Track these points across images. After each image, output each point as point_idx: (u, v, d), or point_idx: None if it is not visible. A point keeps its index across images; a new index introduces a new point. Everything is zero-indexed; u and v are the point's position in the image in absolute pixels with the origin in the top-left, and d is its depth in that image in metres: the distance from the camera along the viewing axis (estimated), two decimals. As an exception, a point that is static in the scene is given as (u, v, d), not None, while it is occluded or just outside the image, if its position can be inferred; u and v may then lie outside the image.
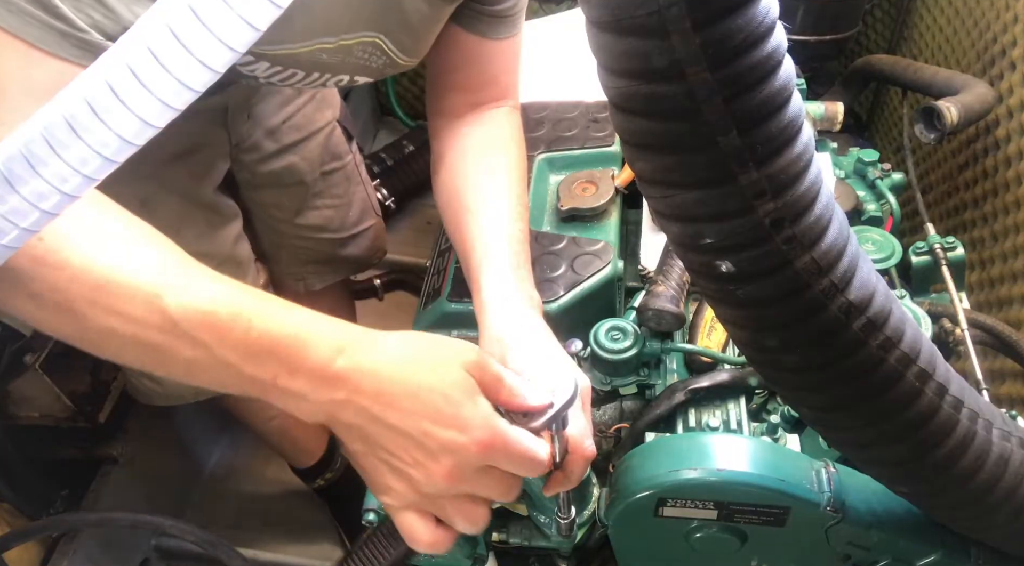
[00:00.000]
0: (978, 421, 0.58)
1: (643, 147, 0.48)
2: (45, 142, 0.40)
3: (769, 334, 0.54)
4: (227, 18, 0.41)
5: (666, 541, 0.73)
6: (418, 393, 0.58)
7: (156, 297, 0.54)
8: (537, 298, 0.81)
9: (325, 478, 1.60)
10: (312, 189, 1.31)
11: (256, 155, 1.22)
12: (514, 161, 0.92)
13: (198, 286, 0.56)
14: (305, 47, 0.73)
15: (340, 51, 0.76)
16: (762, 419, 0.84)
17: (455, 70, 0.92)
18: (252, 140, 1.20)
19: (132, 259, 0.56)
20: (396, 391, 0.58)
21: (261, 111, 1.19)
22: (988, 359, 1.25)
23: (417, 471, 0.59)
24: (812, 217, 0.49)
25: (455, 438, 0.57)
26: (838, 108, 1.18)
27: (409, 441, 0.58)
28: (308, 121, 1.26)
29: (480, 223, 0.84)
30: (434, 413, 0.57)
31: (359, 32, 0.75)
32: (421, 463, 0.58)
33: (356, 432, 0.59)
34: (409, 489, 0.60)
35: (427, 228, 2.13)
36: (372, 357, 0.58)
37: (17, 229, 0.42)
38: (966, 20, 1.44)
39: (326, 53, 0.75)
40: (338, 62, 0.78)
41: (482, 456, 0.58)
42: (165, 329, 0.55)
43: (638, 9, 0.41)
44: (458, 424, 0.58)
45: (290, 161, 1.25)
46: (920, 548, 0.69)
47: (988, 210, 1.35)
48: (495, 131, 0.93)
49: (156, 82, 0.41)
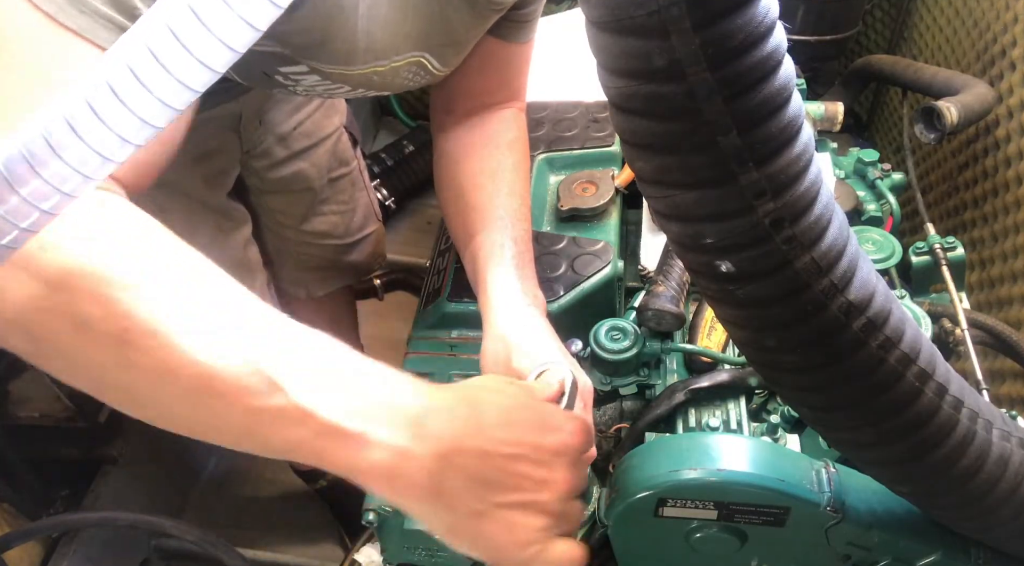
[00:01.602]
0: (978, 421, 0.58)
1: (643, 147, 0.48)
2: (45, 142, 0.40)
3: (769, 334, 0.54)
4: (227, 18, 0.41)
5: (666, 541, 0.73)
6: (509, 415, 0.58)
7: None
8: (541, 298, 0.81)
9: (327, 478, 1.60)
10: (319, 195, 1.32)
11: (267, 161, 1.23)
12: (519, 161, 0.92)
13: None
14: (361, 70, 0.73)
15: (390, 73, 0.76)
16: (762, 419, 0.84)
17: (473, 73, 0.91)
18: (263, 146, 1.20)
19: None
20: (491, 422, 0.56)
21: (272, 118, 1.20)
22: (988, 359, 1.25)
23: (545, 491, 0.58)
24: (812, 217, 0.48)
25: (561, 439, 0.58)
26: (838, 108, 1.18)
27: (527, 463, 0.57)
28: (318, 127, 1.27)
29: (484, 222, 0.84)
30: (531, 426, 0.58)
31: (408, 53, 0.76)
32: (545, 480, 0.58)
33: (470, 493, 0.55)
34: (544, 516, 0.58)
35: (427, 228, 2.13)
36: (447, 414, 0.56)
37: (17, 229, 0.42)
38: (966, 20, 1.44)
39: (377, 75, 0.75)
40: (385, 82, 0.78)
41: (584, 445, 0.60)
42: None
43: (638, 9, 0.41)
44: (554, 426, 0.59)
45: (300, 167, 1.26)
46: (920, 548, 0.69)
47: (988, 210, 1.35)
48: (502, 131, 0.93)
49: (156, 82, 0.41)
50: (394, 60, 0.75)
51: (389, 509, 0.73)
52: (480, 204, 0.86)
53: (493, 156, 0.90)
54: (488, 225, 0.84)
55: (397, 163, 2.12)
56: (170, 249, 0.52)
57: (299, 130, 1.24)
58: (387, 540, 0.75)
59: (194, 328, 0.49)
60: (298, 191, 1.29)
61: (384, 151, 2.13)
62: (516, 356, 0.72)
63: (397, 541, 0.75)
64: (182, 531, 1.16)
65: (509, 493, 0.56)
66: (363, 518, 0.78)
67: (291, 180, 1.26)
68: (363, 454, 0.52)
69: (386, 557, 0.78)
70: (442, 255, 1.06)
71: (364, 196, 1.42)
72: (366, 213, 1.43)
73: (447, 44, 0.79)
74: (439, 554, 0.75)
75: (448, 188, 0.92)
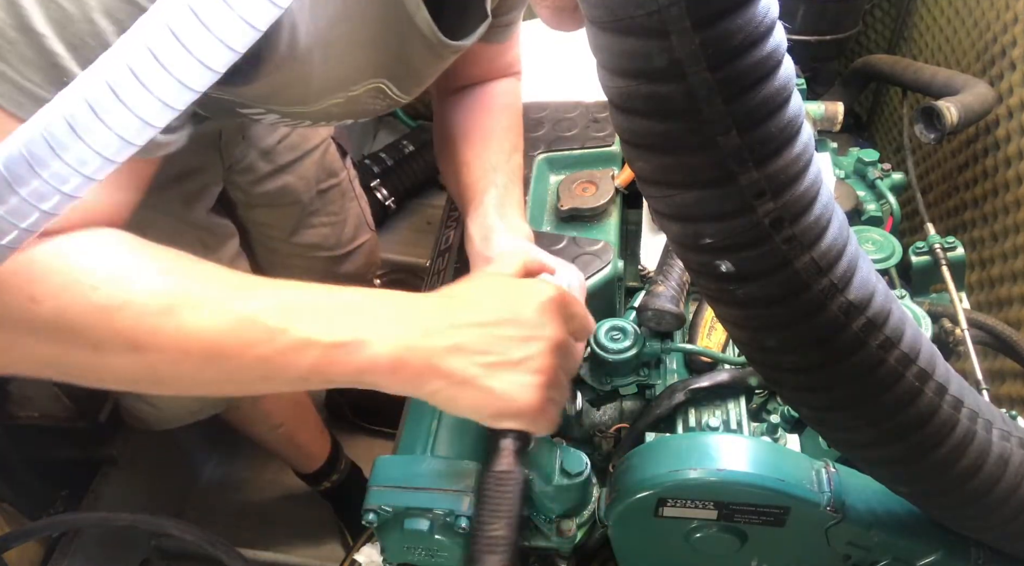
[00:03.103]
0: (978, 421, 0.58)
1: (643, 147, 0.48)
2: (45, 142, 0.40)
3: (769, 334, 0.54)
4: (227, 18, 0.41)
5: (666, 541, 0.73)
6: (483, 291, 0.66)
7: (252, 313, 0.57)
8: (527, 230, 0.87)
9: (331, 479, 1.60)
10: (308, 208, 1.31)
11: (251, 176, 1.22)
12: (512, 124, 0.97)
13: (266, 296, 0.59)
14: (318, 106, 0.75)
15: (349, 102, 0.78)
16: (762, 419, 0.84)
17: (463, 65, 0.93)
18: (246, 161, 1.19)
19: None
20: (469, 300, 0.65)
21: (255, 132, 1.19)
22: (988, 359, 1.25)
23: (532, 345, 0.63)
24: (812, 217, 0.49)
25: (537, 300, 0.65)
26: (838, 108, 1.18)
27: (509, 326, 0.63)
28: (303, 140, 1.26)
29: (474, 175, 0.90)
30: (505, 295, 0.65)
31: (366, 81, 0.77)
32: (529, 338, 0.63)
33: (465, 360, 0.61)
34: (536, 374, 0.63)
35: (427, 228, 2.13)
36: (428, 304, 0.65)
37: (17, 229, 0.42)
38: (966, 20, 1.44)
39: (336, 106, 0.77)
40: (345, 111, 0.81)
41: (565, 303, 0.67)
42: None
43: (638, 9, 0.41)
44: (527, 292, 0.66)
45: (285, 181, 1.25)
46: (920, 548, 0.69)
47: (988, 210, 1.35)
48: (497, 95, 0.98)
49: (156, 82, 0.41)
50: (351, 90, 0.76)
51: (389, 509, 0.73)
52: (470, 160, 0.91)
53: (487, 118, 0.95)
54: (475, 177, 0.89)
55: (397, 163, 2.12)
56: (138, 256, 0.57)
57: (284, 144, 1.23)
58: (387, 540, 0.75)
59: (189, 306, 0.55)
60: (285, 204, 1.28)
61: (384, 151, 2.13)
62: (494, 269, 0.77)
63: (397, 541, 0.75)
64: (182, 531, 1.16)
65: (498, 354, 0.62)
66: (363, 518, 0.78)
67: (277, 194, 1.25)
68: (366, 354, 0.58)
69: (386, 557, 0.78)
70: (442, 255, 1.06)
71: (355, 206, 1.42)
72: (357, 223, 1.42)
73: (406, 76, 0.81)
74: (439, 554, 0.75)
75: (444, 148, 0.97)
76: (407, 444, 0.79)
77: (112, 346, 0.54)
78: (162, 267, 0.57)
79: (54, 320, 0.52)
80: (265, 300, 0.58)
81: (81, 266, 0.53)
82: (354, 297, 0.62)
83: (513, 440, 0.65)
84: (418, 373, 0.60)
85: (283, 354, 0.57)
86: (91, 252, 0.54)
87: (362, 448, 1.73)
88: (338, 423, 1.77)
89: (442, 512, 0.71)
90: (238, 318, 0.56)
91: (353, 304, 0.61)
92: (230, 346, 0.56)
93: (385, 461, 0.75)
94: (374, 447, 1.77)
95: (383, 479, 0.73)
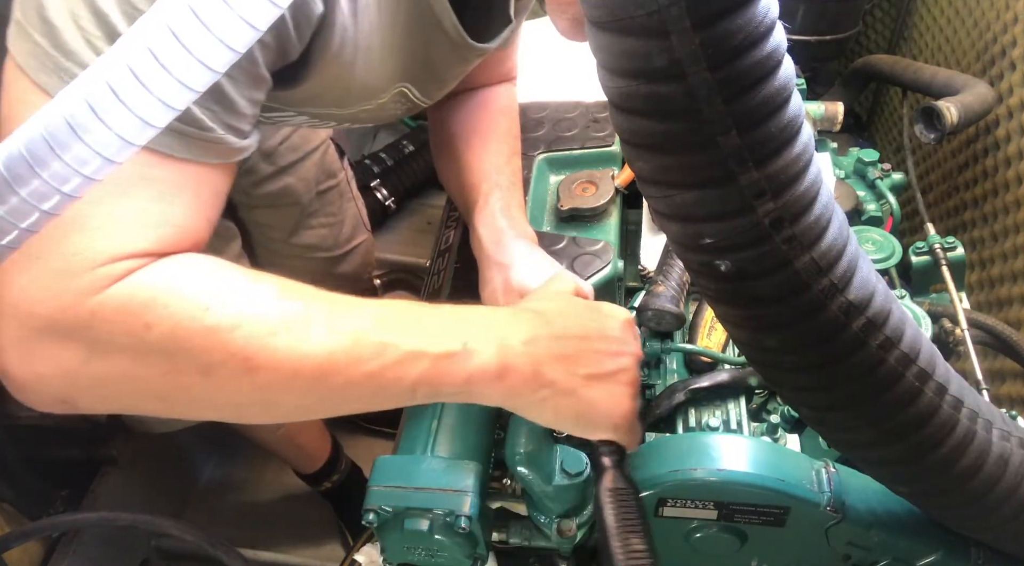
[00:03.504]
0: (978, 421, 0.58)
1: (643, 147, 0.48)
2: (45, 142, 0.40)
3: (769, 334, 0.54)
4: (227, 18, 0.41)
5: (666, 541, 0.73)
6: (565, 309, 0.68)
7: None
8: (531, 234, 0.87)
9: (332, 480, 1.60)
10: (307, 209, 1.32)
11: (252, 177, 1.22)
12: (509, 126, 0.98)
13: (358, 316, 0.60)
14: (350, 110, 0.77)
15: (377, 109, 0.79)
16: (762, 419, 0.84)
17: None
18: (248, 163, 1.20)
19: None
20: (555, 316, 0.66)
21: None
22: (988, 359, 1.25)
23: (622, 359, 0.67)
24: (812, 217, 0.49)
25: (616, 317, 0.69)
26: (838, 108, 1.18)
27: (598, 340, 0.66)
28: (304, 141, 1.27)
29: (474, 177, 0.91)
30: (585, 314, 0.68)
31: (394, 86, 0.78)
32: (618, 352, 0.67)
33: (562, 370, 0.63)
34: (629, 385, 0.67)
35: (427, 228, 2.13)
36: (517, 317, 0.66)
37: (17, 229, 0.42)
38: (966, 20, 1.44)
39: (365, 112, 0.79)
40: (372, 116, 0.82)
41: (633, 324, 0.72)
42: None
43: (638, 9, 0.41)
44: (602, 311, 0.70)
45: (287, 182, 1.26)
46: (920, 548, 0.69)
47: (988, 210, 1.35)
48: (493, 100, 1.00)
49: (156, 82, 0.41)
50: (380, 97, 0.77)
51: (389, 509, 0.73)
52: (471, 161, 0.92)
53: (484, 121, 0.96)
54: (477, 179, 0.90)
55: (397, 163, 2.12)
56: (239, 278, 0.58)
57: (285, 145, 1.24)
58: (387, 540, 0.75)
59: (299, 325, 0.56)
60: (286, 205, 1.29)
61: (384, 151, 2.13)
62: (514, 275, 0.79)
63: (397, 541, 0.75)
64: (182, 531, 1.16)
65: (593, 366, 0.65)
66: (363, 518, 0.78)
67: (278, 195, 1.26)
68: (474, 363, 0.60)
69: (386, 557, 0.78)
70: (442, 255, 1.06)
71: (352, 207, 1.43)
72: (354, 224, 1.43)
73: (429, 80, 0.81)
74: (439, 554, 0.75)
75: (444, 149, 0.98)
76: (407, 444, 0.79)
77: (224, 368, 0.54)
78: (268, 288, 0.58)
79: (168, 345, 0.52)
80: (368, 317, 0.59)
81: (191, 289, 0.54)
82: (452, 310, 0.64)
83: (610, 456, 0.68)
84: (525, 381, 0.62)
85: (392, 368, 0.58)
86: (196, 276, 0.55)
87: (362, 448, 1.73)
88: (338, 423, 1.77)
89: (442, 512, 0.71)
90: (346, 335, 0.57)
91: (453, 316, 0.63)
92: (341, 363, 0.56)
93: (385, 461, 0.75)
94: (374, 447, 1.77)
95: (383, 479, 0.73)
